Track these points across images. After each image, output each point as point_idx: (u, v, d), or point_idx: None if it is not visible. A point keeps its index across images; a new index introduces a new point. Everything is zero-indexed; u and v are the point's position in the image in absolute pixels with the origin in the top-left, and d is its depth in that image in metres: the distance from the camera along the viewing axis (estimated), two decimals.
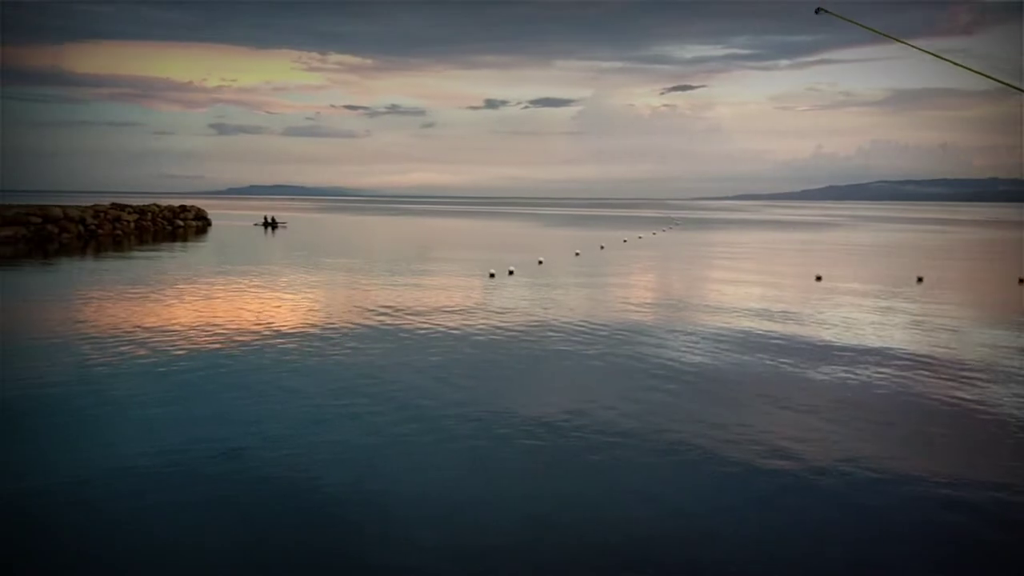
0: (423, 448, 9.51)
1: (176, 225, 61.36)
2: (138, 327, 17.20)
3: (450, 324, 18.21)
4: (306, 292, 24.25)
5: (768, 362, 14.57)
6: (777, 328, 18.30)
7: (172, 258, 37.64)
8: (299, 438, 9.81)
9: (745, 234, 73.78)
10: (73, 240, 45.25)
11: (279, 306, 20.93)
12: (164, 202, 68.69)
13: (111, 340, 15.69)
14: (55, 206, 49.63)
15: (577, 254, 41.23)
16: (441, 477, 8.61)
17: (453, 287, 26.07)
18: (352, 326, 17.86)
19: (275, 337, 16.37)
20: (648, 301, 23.53)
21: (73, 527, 7.28)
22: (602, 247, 47.63)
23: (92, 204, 55.43)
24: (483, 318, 19.11)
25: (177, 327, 17.30)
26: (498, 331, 17.42)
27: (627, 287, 27.34)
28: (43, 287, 25.37)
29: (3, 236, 41.29)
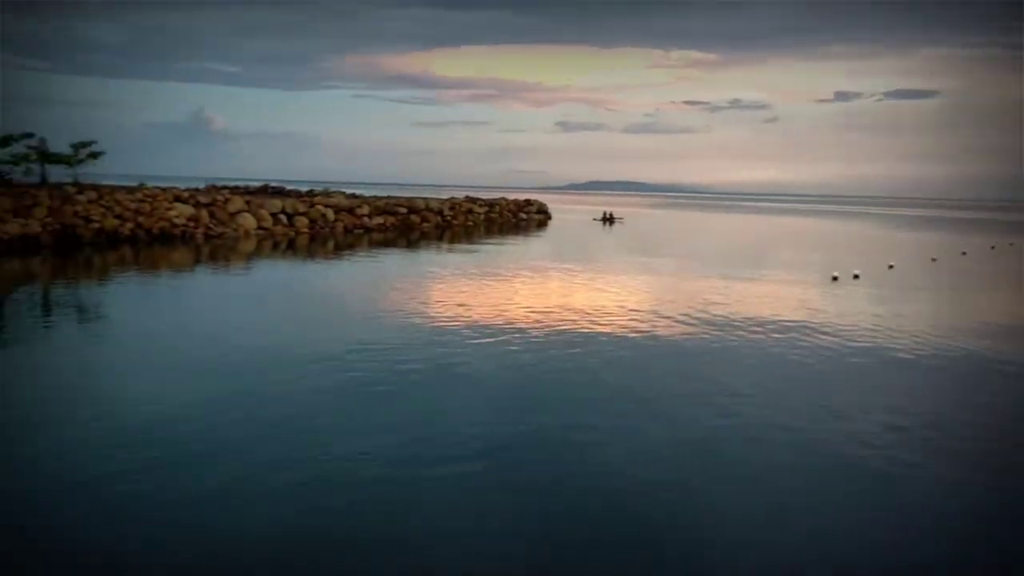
0: (734, 468, 9.12)
1: (520, 218, 65.37)
2: (477, 308, 18.48)
3: (782, 332, 17.22)
4: (635, 288, 24.44)
5: None
6: None
7: (515, 248, 40.11)
8: (621, 440, 9.89)
9: None
10: (432, 229, 50.10)
11: (606, 299, 21.25)
12: (511, 196, 73.48)
13: (452, 317, 17.07)
14: (419, 198, 55.38)
15: (933, 260, 37.26)
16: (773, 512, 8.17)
17: (790, 290, 24.78)
18: (677, 326, 17.62)
19: (597, 333, 16.66)
20: (1021, 323, 20.44)
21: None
22: (964, 253, 42.62)
23: (448, 197, 60.92)
24: (820, 328, 17.81)
25: (510, 311, 18.33)
26: (835, 344, 16.14)
27: (993, 302, 24.10)
28: (407, 267, 28.24)
29: (376, 224, 46.91)
